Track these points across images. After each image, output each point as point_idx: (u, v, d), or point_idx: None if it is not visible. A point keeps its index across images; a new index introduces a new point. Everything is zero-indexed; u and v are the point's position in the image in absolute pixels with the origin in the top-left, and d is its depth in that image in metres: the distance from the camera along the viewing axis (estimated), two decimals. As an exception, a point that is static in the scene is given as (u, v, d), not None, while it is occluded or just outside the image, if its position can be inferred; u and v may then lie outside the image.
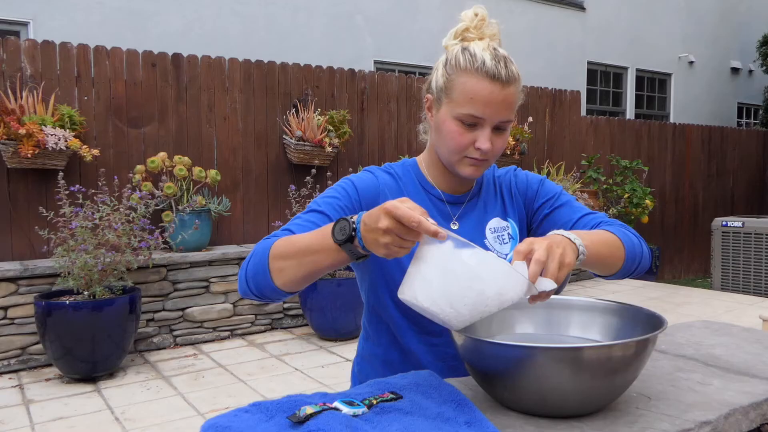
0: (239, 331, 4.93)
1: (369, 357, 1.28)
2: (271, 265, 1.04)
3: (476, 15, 1.16)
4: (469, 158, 1.16)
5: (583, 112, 9.04)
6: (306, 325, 5.14)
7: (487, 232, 1.25)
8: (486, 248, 1.22)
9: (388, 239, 0.89)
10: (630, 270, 1.18)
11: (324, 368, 4.13)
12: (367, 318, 1.28)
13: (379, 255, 0.92)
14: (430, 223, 0.87)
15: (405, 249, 0.90)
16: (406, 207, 0.87)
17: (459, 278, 0.87)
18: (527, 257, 0.90)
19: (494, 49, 1.13)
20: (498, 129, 1.14)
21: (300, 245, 1.02)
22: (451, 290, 0.88)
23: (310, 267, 1.01)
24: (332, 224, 0.97)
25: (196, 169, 4.83)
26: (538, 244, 0.91)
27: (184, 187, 4.80)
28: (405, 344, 1.22)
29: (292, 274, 1.02)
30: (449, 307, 0.88)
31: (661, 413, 0.89)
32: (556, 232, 1.00)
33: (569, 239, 0.97)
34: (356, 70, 5.94)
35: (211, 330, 4.80)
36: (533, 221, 1.32)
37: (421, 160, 1.29)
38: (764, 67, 11.01)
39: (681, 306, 5.67)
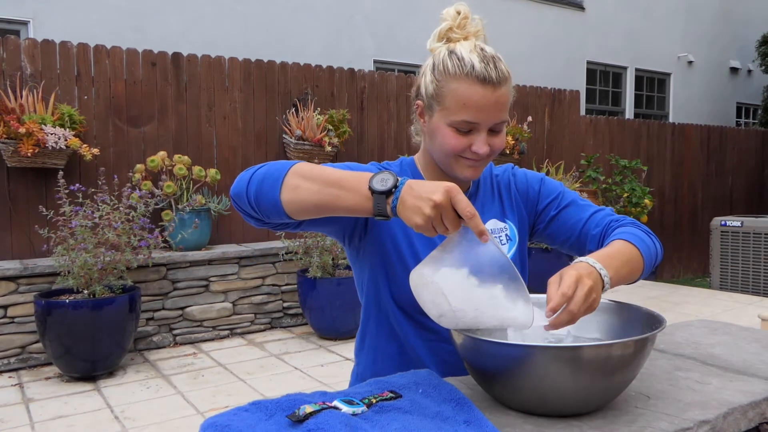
0: (239, 330, 4.93)
1: (367, 349, 1.27)
2: (288, 178, 1.00)
3: (459, 13, 1.13)
4: (466, 160, 1.15)
5: (583, 112, 9.04)
6: (305, 324, 5.14)
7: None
8: None
9: (433, 213, 0.89)
10: (647, 274, 1.19)
11: (323, 367, 4.13)
12: (365, 311, 1.28)
13: (410, 222, 0.91)
14: (480, 221, 0.89)
15: (434, 231, 0.91)
16: (464, 196, 0.90)
17: (483, 283, 0.90)
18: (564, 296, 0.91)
19: (481, 49, 1.11)
20: (493, 131, 1.13)
21: (329, 174, 0.99)
22: (471, 290, 0.90)
23: (327, 199, 0.98)
24: (373, 173, 0.96)
25: (196, 168, 4.83)
26: (581, 288, 0.92)
27: (184, 186, 4.80)
28: (403, 337, 1.22)
29: (305, 196, 0.99)
30: (460, 303, 0.90)
31: (660, 412, 0.90)
32: (585, 261, 1.00)
33: (600, 274, 0.98)
34: (356, 70, 5.94)
35: (211, 329, 4.81)
36: (538, 222, 1.31)
37: (417, 160, 1.28)
38: (763, 67, 11.01)
39: (680, 305, 5.68)
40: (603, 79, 10.21)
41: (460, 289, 0.90)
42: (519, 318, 0.91)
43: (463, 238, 0.92)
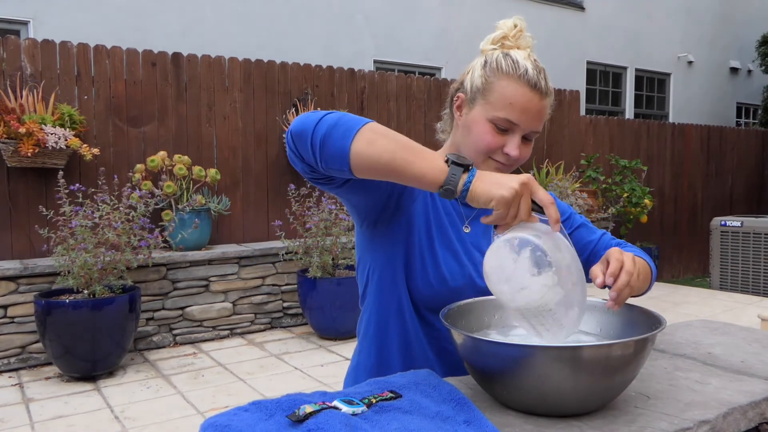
0: (239, 330, 4.93)
1: (373, 336, 1.27)
2: (364, 131, 0.97)
3: (515, 26, 1.19)
4: (494, 161, 1.17)
5: (583, 112, 9.04)
6: (305, 324, 5.14)
7: (494, 238, 1.26)
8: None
9: (521, 190, 0.92)
10: (649, 290, 1.26)
11: (323, 367, 4.14)
12: (375, 298, 1.25)
13: (493, 194, 0.92)
14: (557, 210, 0.93)
15: (508, 211, 0.93)
16: (540, 186, 0.94)
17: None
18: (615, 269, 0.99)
19: (535, 60, 1.17)
20: (525, 139, 1.17)
21: (404, 139, 0.99)
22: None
23: (399, 161, 0.96)
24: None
25: (196, 168, 4.83)
26: (626, 256, 1.01)
27: (184, 186, 4.80)
28: (412, 329, 1.22)
29: (378, 152, 0.96)
30: (530, 283, 0.92)
31: (659, 412, 0.90)
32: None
33: None
34: (356, 70, 5.94)
35: (211, 329, 4.81)
36: None
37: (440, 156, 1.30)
38: (763, 67, 11.01)
39: (680, 305, 5.68)
40: (603, 79, 10.21)
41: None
42: (576, 317, 0.95)
43: (535, 228, 0.94)
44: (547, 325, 0.95)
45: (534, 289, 0.92)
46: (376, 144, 0.97)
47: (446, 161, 0.96)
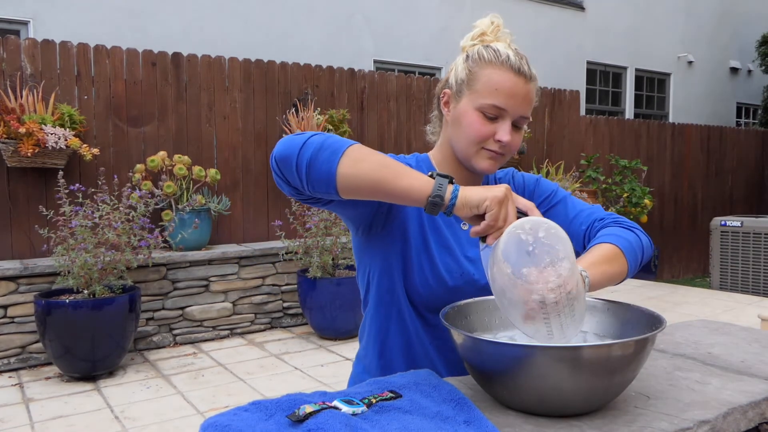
0: (239, 330, 4.93)
1: (374, 340, 1.27)
2: (350, 152, 0.98)
3: (492, 23, 1.21)
4: (487, 150, 1.17)
5: (583, 112, 9.04)
6: (305, 324, 5.14)
7: (482, 251, 1.26)
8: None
9: (509, 194, 0.98)
10: (635, 270, 1.19)
11: (323, 367, 4.14)
12: (376, 301, 1.26)
13: (487, 194, 0.96)
14: (540, 213, 0.99)
15: (497, 221, 0.96)
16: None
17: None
18: None
19: (515, 48, 1.19)
20: (515, 126, 1.17)
21: (390, 159, 1.01)
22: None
23: (384, 180, 0.98)
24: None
25: (196, 168, 4.83)
26: None
27: (184, 186, 4.80)
28: (413, 331, 1.22)
29: (364, 172, 0.98)
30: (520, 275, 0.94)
31: (659, 412, 0.90)
32: None
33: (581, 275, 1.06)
34: (356, 70, 5.94)
35: (211, 329, 4.81)
36: None
37: (433, 156, 1.29)
38: (763, 67, 11.01)
39: (680, 305, 5.68)
40: (603, 79, 10.21)
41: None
42: (584, 307, 0.97)
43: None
44: (563, 316, 0.93)
45: (557, 263, 0.92)
46: (362, 164, 0.98)
47: (430, 175, 0.99)
